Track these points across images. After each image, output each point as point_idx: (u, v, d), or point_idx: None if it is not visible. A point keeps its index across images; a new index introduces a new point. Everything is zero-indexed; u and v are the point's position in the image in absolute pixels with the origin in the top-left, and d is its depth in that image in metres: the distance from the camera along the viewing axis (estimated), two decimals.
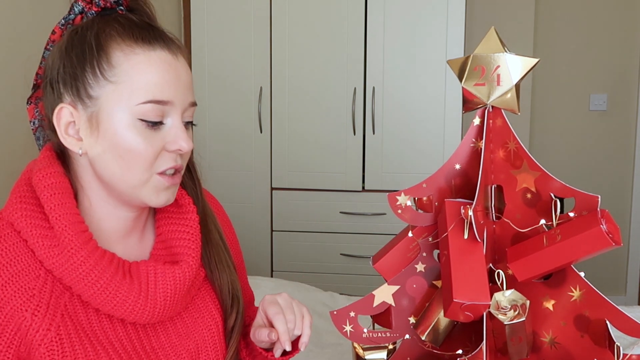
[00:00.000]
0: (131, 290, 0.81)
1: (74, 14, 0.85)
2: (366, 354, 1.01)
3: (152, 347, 0.86)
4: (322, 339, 1.70)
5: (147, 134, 0.81)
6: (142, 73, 0.80)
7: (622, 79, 3.37)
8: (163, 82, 0.81)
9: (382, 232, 2.84)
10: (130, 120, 0.80)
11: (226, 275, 0.95)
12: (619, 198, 3.43)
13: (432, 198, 0.96)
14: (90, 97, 0.81)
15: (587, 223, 0.84)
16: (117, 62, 0.80)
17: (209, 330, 0.92)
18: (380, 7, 2.75)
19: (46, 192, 0.80)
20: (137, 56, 0.81)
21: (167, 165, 0.83)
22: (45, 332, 0.77)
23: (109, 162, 0.81)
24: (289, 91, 2.85)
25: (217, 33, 2.87)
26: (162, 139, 0.82)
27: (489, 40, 0.90)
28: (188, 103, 0.86)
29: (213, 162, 2.93)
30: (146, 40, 0.82)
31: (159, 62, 0.82)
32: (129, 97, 0.80)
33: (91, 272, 0.78)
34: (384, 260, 0.99)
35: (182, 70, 0.85)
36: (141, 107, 0.80)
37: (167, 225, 0.91)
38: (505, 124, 0.91)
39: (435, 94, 2.77)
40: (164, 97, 0.81)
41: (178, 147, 0.83)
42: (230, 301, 0.95)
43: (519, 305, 0.85)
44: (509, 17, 3.20)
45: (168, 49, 0.83)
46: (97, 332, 0.81)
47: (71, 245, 0.78)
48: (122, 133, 0.80)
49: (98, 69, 0.80)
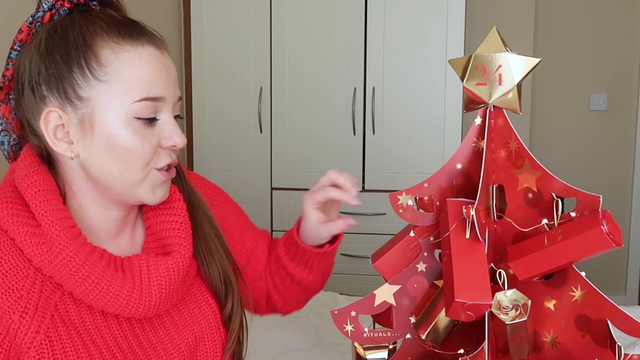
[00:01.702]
0: (124, 285, 0.79)
1: (42, 11, 0.82)
2: (367, 353, 1.01)
3: (150, 342, 0.85)
4: (322, 339, 1.70)
5: (143, 132, 0.80)
6: (134, 70, 0.79)
7: (622, 79, 3.37)
8: (155, 78, 0.80)
9: (383, 232, 2.84)
10: (126, 119, 0.79)
11: (216, 266, 0.93)
12: (619, 198, 3.43)
13: (433, 198, 0.96)
14: (80, 99, 0.78)
15: (588, 223, 0.84)
16: (107, 61, 0.78)
17: (206, 320, 0.91)
18: (380, 7, 2.75)
19: (30, 190, 0.78)
20: (127, 53, 0.79)
21: (163, 162, 0.83)
22: (35, 334, 0.74)
23: (106, 163, 0.80)
24: (289, 91, 2.85)
25: (217, 33, 2.87)
26: (157, 135, 0.82)
27: (491, 40, 0.89)
28: (177, 97, 0.85)
29: (213, 161, 2.93)
30: (133, 36, 0.80)
31: (149, 58, 0.81)
32: (123, 95, 0.79)
33: (81, 267, 0.77)
34: (383, 259, 0.99)
35: (169, 64, 0.84)
36: (136, 105, 0.79)
37: (155, 217, 0.89)
38: (507, 124, 0.91)
39: (436, 93, 2.77)
40: (157, 93, 0.81)
41: (173, 142, 0.83)
42: (224, 289, 0.94)
43: (521, 305, 0.85)
44: (509, 17, 3.20)
45: (155, 45, 0.82)
46: (91, 330, 0.80)
47: (59, 241, 0.76)
48: (118, 133, 0.79)
49: (87, 68, 0.78)
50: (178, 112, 0.86)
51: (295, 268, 1.05)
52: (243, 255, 1.06)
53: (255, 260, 1.08)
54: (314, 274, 1.06)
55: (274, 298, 1.10)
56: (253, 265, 1.08)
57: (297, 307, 1.14)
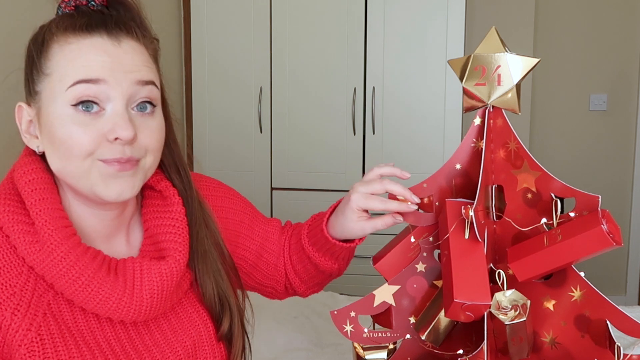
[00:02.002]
0: (115, 288, 0.78)
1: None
2: (366, 353, 1.01)
3: (145, 345, 0.84)
4: (322, 339, 1.70)
5: (83, 122, 0.77)
6: (71, 60, 0.78)
7: (622, 79, 3.37)
8: (92, 64, 0.77)
9: (382, 232, 2.83)
10: (63, 109, 0.77)
11: (211, 284, 0.91)
12: (619, 198, 3.43)
13: (432, 198, 0.96)
14: (36, 93, 0.80)
15: (587, 223, 0.84)
16: (52, 55, 0.79)
17: (198, 332, 0.90)
18: (380, 7, 2.75)
19: (27, 187, 0.78)
20: (69, 45, 0.78)
21: (109, 155, 0.77)
22: (26, 332, 0.74)
23: (52, 157, 0.79)
24: (289, 91, 2.85)
25: (217, 33, 2.87)
26: (101, 127, 0.77)
27: (490, 40, 0.89)
28: (134, 82, 0.79)
29: (213, 161, 2.93)
30: (83, 28, 0.79)
31: (90, 47, 0.78)
32: (59, 84, 0.77)
33: (72, 268, 0.76)
34: (384, 260, 0.99)
35: (123, 55, 0.79)
36: (71, 91, 0.76)
37: (153, 219, 0.88)
38: (506, 124, 0.91)
39: (435, 93, 2.77)
40: (93, 75, 0.77)
41: (116, 134, 0.77)
42: (220, 308, 0.92)
43: (520, 305, 0.85)
44: (509, 17, 3.20)
45: (108, 35, 0.79)
46: (84, 331, 0.79)
47: (51, 241, 0.75)
48: (57, 124, 0.77)
49: (38, 63, 0.79)
50: (146, 98, 0.80)
51: (321, 258, 1.04)
52: (253, 251, 1.06)
53: (268, 253, 1.08)
54: (339, 262, 1.06)
55: (295, 284, 1.09)
56: (266, 258, 1.07)
57: (318, 290, 1.14)
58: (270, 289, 1.11)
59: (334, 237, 1.02)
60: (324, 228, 1.02)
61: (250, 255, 1.06)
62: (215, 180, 1.07)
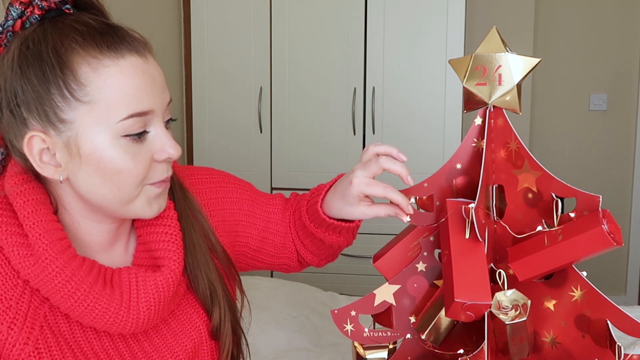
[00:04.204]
0: (112, 301, 0.76)
1: (12, 19, 0.75)
2: (367, 353, 1.01)
3: (145, 353, 0.83)
4: (322, 339, 1.70)
5: (133, 150, 0.75)
6: (116, 87, 0.73)
7: (622, 79, 3.37)
8: (140, 92, 0.75)
9: (382, 232, 2.83)
10: (114, 140, 0.74)
11: (202, 277, 0.89)
12: (619, 198, 3.43)
13: (433, 197, 0.96)
14: (63, 121, 0.73)
15: (588, 223, 0.84)
16: (87, 79, 0.73)
17: (198, 332, 0.89)
18: (380, 7, 2.75)
19: (19, 199, 0.75)
20: (107, 69, 0.73)
21: (158, 178, 0.79)
22: (23, 345, 0.72)
23: (97, 186, 0.76)
24: (289, 91, 2.85)
25: (217, 33, 2.87)
26: (149, 150, 0.77)
27: (491, 40, 0.90)
28: (166, 103, 0.79)
29: (213, 162, 2.93)
30: (112, 47, 0.74)
31: (131, 70, 0.74)
32: (107, 116, 0.73)
33: (68, 283, 0.73)
34: (384, 259, 0.99)
35: (154, 71, 0.78)
36: (123, 124, 0.74)
37: (146, 227, 0.85)
38: (507, 124, 0.91)
39: (436, 93, 2.77)
40: (144, 107, 0.75)
41: (167, 155, 0.78)
42: (210, 298, 0.90)
43: (520, 305, 0.85)
44: (509, 17, 3.20)
45: (137, 52, 0.76)
46: (81, 343, 0.77)
47: (46, 255, 0.73)
48: (108, 155, 0.74)
49: (66, 89, 0.72)
50: (169, 116, 0.81)
51: (324, 234, 1.02)
52: (255, 236, 1.04)
53: (272, 234, 1.05)
54: (345, 236, 1.04)
55: (308, 258, 1.08)
56: (271, 239, 1.05)
57: (332, 260, 1.13)
58: (284, 265, 1.09)
59: (332, 217, 0.99)
60: (319, 209, 0.99)
61: (253, 240, 1.04)
62: (206, 169, 1.03)
